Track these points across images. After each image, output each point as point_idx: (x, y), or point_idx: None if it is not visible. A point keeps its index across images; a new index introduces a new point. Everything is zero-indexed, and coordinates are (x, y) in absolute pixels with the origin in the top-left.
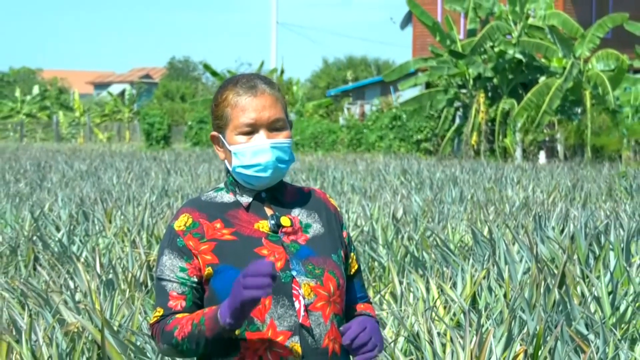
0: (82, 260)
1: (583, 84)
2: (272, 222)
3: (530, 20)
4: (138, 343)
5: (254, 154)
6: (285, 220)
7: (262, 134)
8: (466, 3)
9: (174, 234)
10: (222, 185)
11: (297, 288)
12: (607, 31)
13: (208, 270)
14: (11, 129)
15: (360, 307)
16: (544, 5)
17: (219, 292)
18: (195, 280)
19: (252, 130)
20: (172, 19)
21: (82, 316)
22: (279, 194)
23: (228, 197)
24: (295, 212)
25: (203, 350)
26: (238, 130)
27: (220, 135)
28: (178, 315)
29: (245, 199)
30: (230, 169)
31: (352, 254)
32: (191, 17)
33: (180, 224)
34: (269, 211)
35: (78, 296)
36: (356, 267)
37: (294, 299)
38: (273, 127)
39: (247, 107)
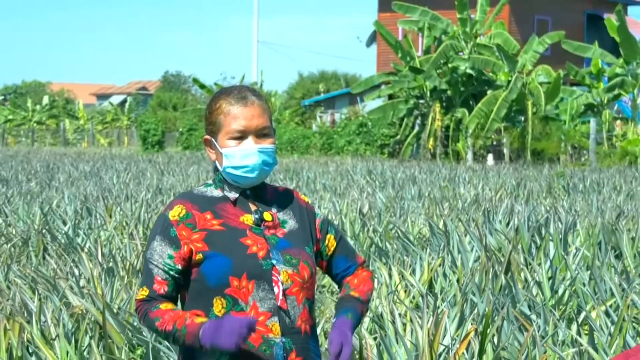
0: (85, 250)
1: (526, 96)
2: (256, 216)
3: (479, 40)
4: (135, 323)
5: (243, 156)
6: (267, 215)
7: (250, 139)
8: (421, 23)
9: (168, 223)
10: (210, 181)
11: (277, 275)
12: (546, 48)
13: (199, 256)
14: (23, 135)
15: (353, 282)
16: (490, 25)
17: (207, 275)
18: (179, 268)
19: (242, 136)
20: (166, 38)
21: (86, 300)
22: (261, 192)
23: (217, 193)
24: (274, 209)
25: (173, 344)
26: (229, 136)
27: (213, 139)
28: (162, 306)
29: (233, 195)
30: (220, 168)
31: (329, 235)
32: (183, 36)
33: (175, 214)
34: (252, 207)
35: (82, 282)
36: (335, 243)
37: (274, 284)
38: (260, 133)
39: (239, 115)
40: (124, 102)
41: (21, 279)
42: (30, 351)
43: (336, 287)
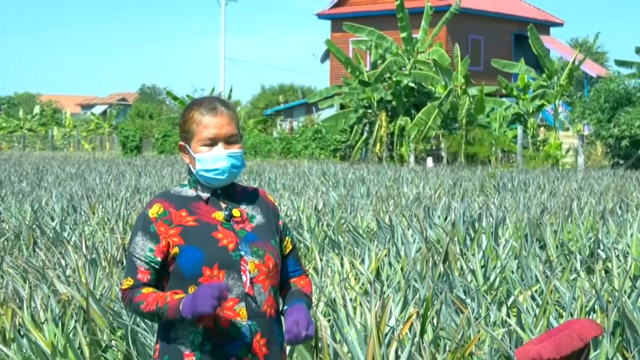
0: (71, 243)
1: (460, 106)
2: (226, 213)
3: (420, 57)
4: (116, 308)
5: (213, 161)
6: (236, 212)
7: (220, 145)
8: (369, 43)
9: (148, 220)
10: (186, 182)
11: (245, 265)
12: (471, 63)
13: (175, 250)
14: (16, 141)
15: (300, 282)
16: (430, 44)
17: (183, 267)
18: (159, 260)
19: (212, 142)
20: (143, 54)
21: (72, 288)
22: (231, 192)
23: (191, 192)
24: (243, 206)
25: (158, 322)
26: (201, 143)
27: (187, 145)
28: (144, 290)
29: (205, 194)
30: (194, 171)
31: (287, 237)
32: (158, 53)
33: (154, 212)
34: (223, 205)
35: (68, 272)
36: (290, 247)
37: (242, 273)
38: (229, 140)
39: (209, 124)
40: (105, 111)
41: (13, 269)
42: (22, 334)
43: None
